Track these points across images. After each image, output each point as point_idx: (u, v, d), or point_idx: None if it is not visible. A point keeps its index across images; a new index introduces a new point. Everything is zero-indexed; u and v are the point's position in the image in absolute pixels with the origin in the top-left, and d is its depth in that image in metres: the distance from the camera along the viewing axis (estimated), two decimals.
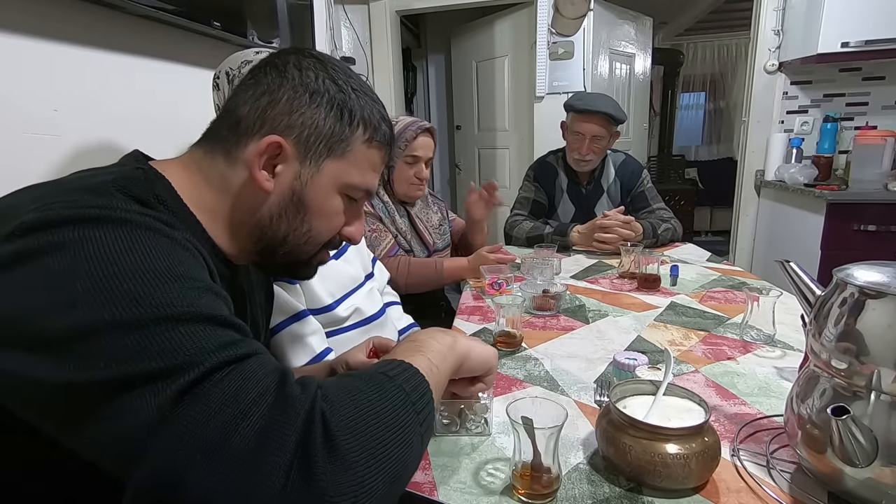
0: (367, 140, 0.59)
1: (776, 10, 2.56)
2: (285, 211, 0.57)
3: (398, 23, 3.18)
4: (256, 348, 0.43)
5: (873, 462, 0.49)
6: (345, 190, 0.59)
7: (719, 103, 5.47)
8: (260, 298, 0.73)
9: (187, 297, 0.42)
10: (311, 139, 0.56)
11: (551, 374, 0.86)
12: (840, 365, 0.52)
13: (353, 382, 0.45)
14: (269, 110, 0.55)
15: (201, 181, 0.56)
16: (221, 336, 0.41)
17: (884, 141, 2.24)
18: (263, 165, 0.55)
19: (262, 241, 0.58)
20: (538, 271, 1.30)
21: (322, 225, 0.59)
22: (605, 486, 0.58)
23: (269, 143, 0.54)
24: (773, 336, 0.95)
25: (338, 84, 0.57)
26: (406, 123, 1.44)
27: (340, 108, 0.56)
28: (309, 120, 0.55)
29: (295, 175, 0.56)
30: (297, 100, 0.55)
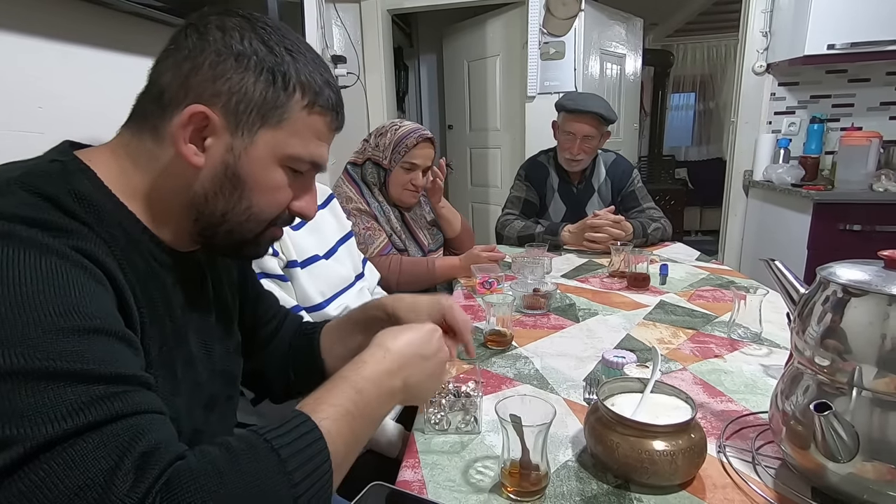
0: (308, 106, 0.53)
1: (764, 12, 2.59)
2: (221, 187, 0.52)
3: (390, 22, 3.18)
4: (120, 409, 0.38)
5: (855, 457, 0.49)
6: (286, 162, 0.54)
7: (709, 104, 5.52)
8: (229, 279, 0.69)
9: (51, 344, 0.36)
10: (241, 107, 0.50)
11: (541, 372, 0.86)
12: (823, 362, 0.53)
13: (223, 462, 0.39)
14: (191, 77, 0.49)
15: (130, 165, 0.52)
16: (76, 397, 0.36)
17: (869, 142, 2.27)
18: (190, 139, 0.50)
19: (201, 220, 0.53)
20: (529, 270, 1.30)
21: (264, 201, 0.54)
22: (593, 484, 0.58)
23: (192, 114, 0.49)
24: (759, 334, 0.96)
25: (268, 45, 0.51)
26: (408, 129, 1.43)
27: (272, 72, 0.51)
28: (236, 86, 0.50)
29: (227, 148, 0.51)
30: (222, 64, 0.49)
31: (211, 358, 0.60)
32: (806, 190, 2.22)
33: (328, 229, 1.09)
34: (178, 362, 0.53)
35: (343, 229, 1.14)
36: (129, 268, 0.48)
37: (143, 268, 0.50)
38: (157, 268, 0.52)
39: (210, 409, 0.59)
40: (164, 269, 0.54)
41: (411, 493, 0.56)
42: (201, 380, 0.57)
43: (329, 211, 1.12)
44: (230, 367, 0.65)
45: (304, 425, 0.44)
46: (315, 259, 0.98)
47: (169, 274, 0.54)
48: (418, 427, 0.70)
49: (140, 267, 0.50)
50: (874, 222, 2.13)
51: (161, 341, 0.51)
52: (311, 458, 0.43)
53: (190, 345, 0.56)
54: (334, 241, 1.09)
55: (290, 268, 0.92)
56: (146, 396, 0.41)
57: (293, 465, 0.41)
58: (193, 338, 0.57)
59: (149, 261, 0.51)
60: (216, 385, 0.61)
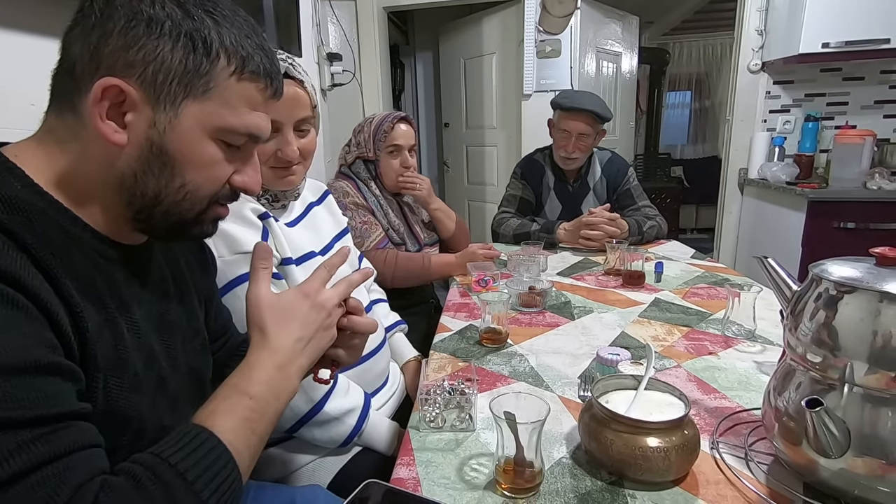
0: (236, 72, 0.49)
1: (759, 10, 2.59)
2: (149, 165, 0.48)
3: (386, 19, 3.17)
4: (45, 454, 0.37)
5: (846, 453, 0.50)
6: (218, 135, 0.50)
7: (704, 102, 5.53)
8: (191, 274, 0.66)
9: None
10: (160, 78, 0.46)
11: (536, 370, 0.87)
12: (815, 358, 0.54)
13: (135, 497, 0.40)
14: (101, 47, 0.45)
15: (58, 153, 0.48)
16: (10, 442, 0.36)
17: (863, 140, 2.28)
18: (108, 115, 0.46)
19: (134, 203, 0.50)
20: (524, 268, 1.30)
21: (199, 177, 0.51)
22: (587, 480, 0.59)
23: (104, 88, 0.45)
24: (753, 331, 0.97)
25: (184, 8, 0.47)
26: (381, 117, 1.46)
27: (191, 37, 0.47)
28: (152, 55, 0.46)
29: (149, 122, 0.47)
30: (133, 31, 0.45)
31: (171, 353, 0.58)
32: (800, 188, 2.23)
33: (324, 226, 1.08)
34: (138, 358, 0.51)
35: (339, 225, 1.13)
36: (66, 270, 0.44)
37: (85, 266, 0.47)
38: (103, 264, 0.50)
39: (176, 406, 0.58)
40: (113, 263, 0.51)
41: (406, 491, 0.56)
42: (165, 374, 0.55)
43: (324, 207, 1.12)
44: (196, 364, 0.63)
45: (208, 441, 0.46)
46: (311, 255, 0.98)
47: (117, 268, 0.52)
48: (413, 424, 0.71)
49: (81, 266, 0.47)
50: (868, 220, 2.15)
51: (115, 339, 0.48)
52: (218, 472, 0.45)
53: (150, 340, 0.54)
54: (330, 238, 1.09)
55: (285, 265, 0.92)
56: (75, 432, 0.40)
57: (201, 484, 0.43)
58: (153, 333, 0.55)
59: (93, 257, 0.49)
60: (182, 381, 0.59)
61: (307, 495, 0.74)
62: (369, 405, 0.91)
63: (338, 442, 0.85)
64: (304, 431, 0.83)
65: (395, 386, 1.07)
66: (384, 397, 1.02)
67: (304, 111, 0.90)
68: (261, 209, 0.86)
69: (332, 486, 0.84)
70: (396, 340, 1.20)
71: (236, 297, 0.81)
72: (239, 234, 0.81)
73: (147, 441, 0.52)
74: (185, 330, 0.62)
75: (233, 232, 0.81)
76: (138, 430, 0.50)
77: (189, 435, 0.46)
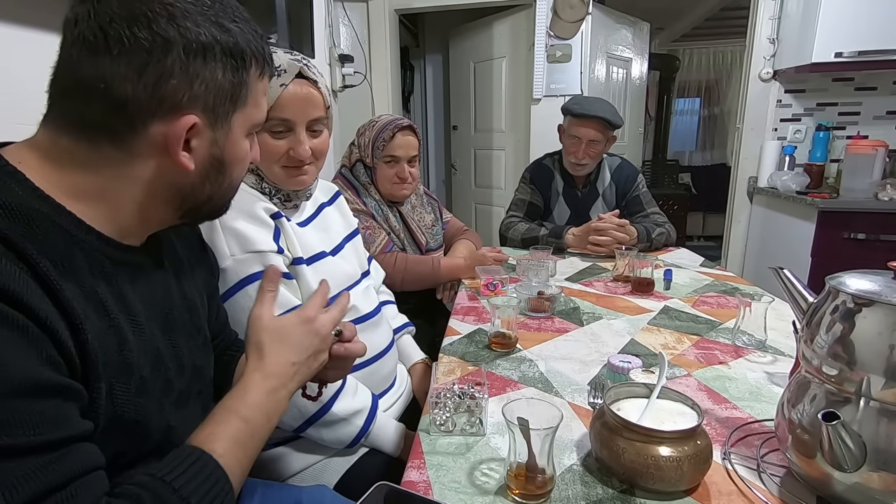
0: (260, 74, 0.54)
1: (772, 18, 2.59)
2: (207, 176, 0.53)
3: (397, 22, 3.18)
4: (52, 482, 0.38)
5: (861, 467, 0.50)
6: (252, 130, 0.57)
7: (714, 109, 5.51)
8: (193, 274, 0.67)
9: None
10: (217, 101, 0.50)
11: (545, 375, 0.87)
12: (831, 371, 0.53)
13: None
14: (162, 85, 0.46)
15: (77, 169, 0.48)
16: (7, 475, 0.36)
17: (875, 151, 2.27)
18: (182, 147, 0.49)
19: (185, 205, 0.54)
20: (533, 273, 1.30)
21: (239, 171, 0.57)
22: (598, 488, 0.58)
23: (186, 127, 0.48)
24: (764, 341, 0.96)
25: (219, 23, 0.49)
26: (384, 123, 1.40)
27: (231, 54, 0.49)
28: (211, 84, 0.49)
29: (210, 142, 0.51)
30: (192, 64, 0.47)
31: (178, 352, 0.58)
32: (811, 197, 2.22)
33: (335, 226, 1.09)
34: (145, 361, 0.52)
35: (349, 227, 1.14)
36: (67, 278, 0.44)
37: (87, 269, 0.47)
38: (108, 266, 0.50)
39: (181, 405, 0.58)
40: (117, 265, 0.51)
41: (417, 494, 0.56)
42: (171, 375, 0.56)
43: (335, 208, 1.12)
44: (200, 362, 0.64)
45: (206, 465, 0.48)
46: (322, 256, 0.98)
47: (122, 270, 0.52)
48: (423, 428, 0.71)
49: (84, 270, 0.46)
50: (878, 231, 2.13)
51: (119, 345, 0.48)
52: (216, 495, 0.47)
53: (156, 341, 0.55)
54: (341, 239, 1.09)
55: (296, 265, 0.92)
56: (78, 456, 0.41)
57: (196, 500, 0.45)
58: (159, 333, 0.55)
59: (97, 259, 0.48)
60: (186, 380, 0.59)
61: (314, 495, 0.74)
62: (377, 406, 0.91)
63: (345, 442, 0.86)
64: (311, 431, 0.84)
65: (402, 388, 1.07)
66: (391, 399, 1.02)
67: (318, 111, 0.90)
68: (273, 208, 0.87)
69: (339, 487, 0.84)
70: (404, 342, 1.20)
71: (247, 296, 0.81)
72: (251, 233, 0.82)
73: (154, 443, 0.53)
74: (189, 328, 0.62)
75: (245, 231, 0.81)
76: (145, 432, 0.51)
77: (189, 458, 0.47)
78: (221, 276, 0.79)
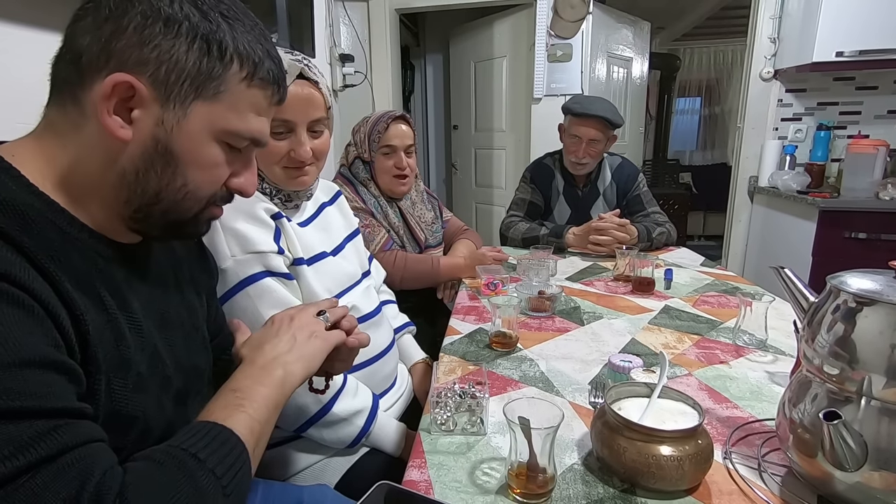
0: (246, 78, 0.50)
1: (773, 18, 2.58)
2: (152, 163, 0.48)
3: (397, 21, 3.18)
4: (67, 441, 0.38)
5: (863, 466, 0.50)
6: (223, 137, 0.51)
7: (714, 109, 5.51)
8: (192, 273, 0.67)
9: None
10: (172, 77, 0.46)
11: (546, 374, 0.87)
12: (832, 370, 0.53)
13: (159, 476, 0.42)
14: (114, 41, 0.45)
15: (58, 148, 0.48)
16: (20, 434, 0.36)
17: (875, 150, 2.27)
18: (115, 110, 0.46)
19: (133, 200, 0.50)
20: (534, 272, 1.30)
21: (200, 178, 0.51)
22: (599, 487, 0.59)
23: (116, 83, 0.45)
24: (765, 341, 0.96)
25: (202, 10, 0.47)
26: (377, 116, 1.43)
27: (207, 40, 0.47)
28: (166, 54, 0.46)
29: (157, 121, 0.47)
30: (149, 28, 0.45)
31: (175, 351, 0.58)
32: (811, 197, 2.22)
33: (336, 226, 1.09)
34: (142, 358, 0.51)
35: (350, 226, 1.14)
36: (65, 272, 0.44)
37: (84, 267, 0.47)
38: (102, 263, 0.49)
39: (180, 403, 0.58)
40: (112, 263, 0.51)
41: (418, 493, 0.56)
42: (168, 373, 0.56)
43: (336, 207, 1.12)
44: (197, 361, 0.63)
45: (218, 431, 0.48)
46: (323, 256, 0.98)
47: (118, 267, 0.51)
48: (424, 427, 0.71)
49: (80, 267, 0.46)
50: (879, 230, 2.13)
51: (117, 340, 0.48)
52: (233, 457, 0.47)
53: (154, 339, 0.54)
54: (342, 238, 1.09)
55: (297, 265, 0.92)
56: (85, 427, 0.41)
57: (219, 468, 0.45)
58: (155, 331, 0.55)
59: (91, 258, 0.48)
60: (184, 378, 0.59)
61: (315, 494, 0.74)
62: (377, 406, 0.91)
63: (346, 442, 0.86)
64: (312, 432, 0.84)
65: (402, 387, 1.07)
66: (392, 399, 1.02)
67: (319, 112, 0.90)
68: (273, 209, 0.87)
69: (340, 486, 0.84)
70: (404, 342, 1.20)
71: (247, 297, 0.82)
72: (252, 234, 0.82)
73: (153, 440, 0.52)
74: (187, 327, 0.62)
75: (245, 231, 0.81)
76: (144, 429, 0.51)
77: (199, 427, 0.48)
78: (221, 277, 0.79)
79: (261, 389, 0.55)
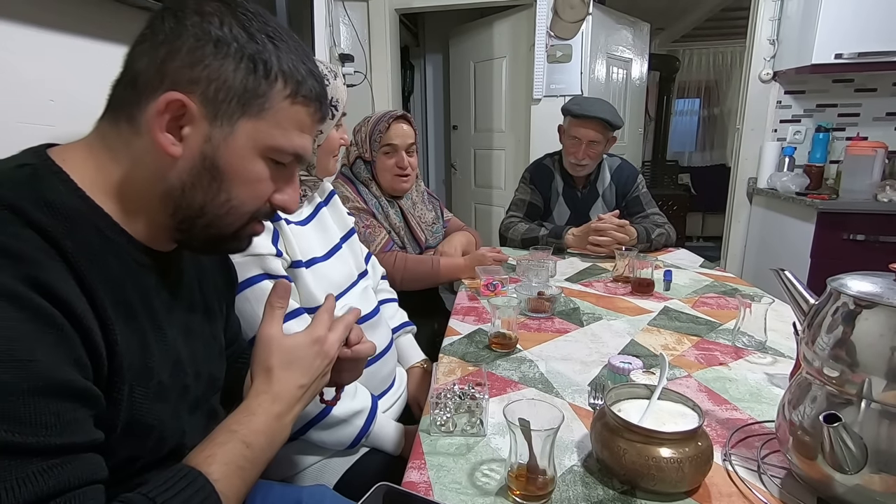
0: (290, 96, 0.52)
1: (772, 19, 2.59)
2: (198, 178, 0.50)
3: (397, 21, 3.18)
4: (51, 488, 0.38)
5: (862, 469, 0.50)
6: (268, 153, 0.52)
7: (713, 110, 5.51)
8: (214, 283, 0.68)
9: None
10: (221, 95, 0.49)
11: (546, 376, 0.87)
12: (832, 373, 0.53)
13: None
14: (168, 63, 0.48)
15: (108, 160, 0.50)
16: (8, 473, 0.36)
17: (874, 152, 2.27)
18: (167, 127, 0.48)
19: (178, 213, 0.52)
20: (533, 273, 1.30)
21: (244, 193, 0.52)
22: (598, 489, 0.58)
23: (168, 101, 0.47)
24: (764, 343, 0.96)
25: (249, 32, 0.49)
26: (378, 116, 1.44)
27: (253, 60, 0.49)
28: (215, 73, 0.48)
29: (205, 137, 0.49)
30: (200, 50, 0.48)
31: (195, 360, 0.59)
32: (810, 199, 2.22)
33: (331, 227, 1.08)
34: (164, 367, 0.52)
35: (345, 227, 1.14)
36: (102, 279, 0.45)
37: (119, 271, 0.48)
38: (135, 269, 0.51)
39: (194, 412, 0.59)
40: (145, 269, 0.52)
41: (418, 495, 0.56)
42: (188, 382, 0.57)
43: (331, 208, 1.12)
44: (214, 371, 0.64)
45: (202, 489, 0.46)
46: (320, 258, 0.98)
47: (150, 275, 0.53)
48: (424, 428, 0.71)
49: (115, 270, 0.48)
50: (878, 232, 2.13)
51: (142, 349, 0.49)
52: None
53: (178, 347, 0.55)
54: (338, 239, 1.09)
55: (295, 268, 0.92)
56: (81, 465, 0.41)
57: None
58: (179, 339, 0.56)
59: (127, 262, 0.50)
60: (201, 387, 0.60)
61: (314, 495, 0.74)
62: (377, 407, 0.91)
63: (346, 444, 0.86)
64: (311, 434, 0.84)
65: (401, 389, 1.07)
66: (390, 400, 1.02)
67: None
68: None
69: (339, 487, 0.84)
70: (404, 342, 1.20)
71: (244, 300, 0.81)
72: None
73: (168, 448, 0.53)
74: (207, 336, 0.63)
75: None
76: (160, 437, 0.51)
77: (184, 479, 0.46)
78: None
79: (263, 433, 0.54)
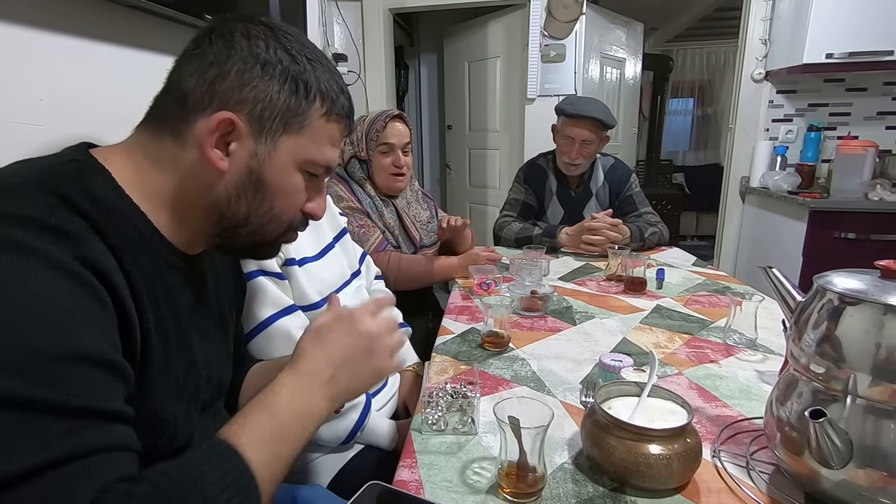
0: (326, 113, 0.56)
1: (764, 19, 2.61)
2: (244, 191, 0.54)
3: (391, 21, 3.18)
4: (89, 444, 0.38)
5: (848, 464, 0.50)
6: (304, 166, 0.56)
7: (707, 110, 5.54)
8: (227, 288, 0.70)
9: (31, 368, 0.37)
10: (266, 114, 0.52)
11: (538, 374, 0.87)
12: (818, 369, 0.54)
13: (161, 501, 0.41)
14: (217, 83, 0.51)
15: (149, 166, 0.53)
16: (44, 430, 0.37)
17: (865, 151, 2.29)
18: (216, 143, 0.51)
19: (223, 222, 0.55)
20: (526, 272, 1.31)
21: (284, 203, 0.57)
22: (589, 486, 0.59)
23: (220, 120, 0.50)
24: (754, 340, 0.97)
25: (291, 54, 0.53)
26: (374, 115, 1.45)
27: (295, 81, 0.53)
28: (262, 94, 0.52)
29: (251, 153, 0.53)
30: (248, 72, 0.51)
31: (208, 362, 0.60)
32: (802, 197, 2.24)
33: (324, 227, 1.08)
34: (181, 364, 0.53)
35: (338, 226, 1.14)
36: (137, 271, 0.47)
37: (150, 269, 0.50)
38: (164, 268, 0.53)
39: (204, 413, 0.60)
40: (173, 270, 0.54)
41: (408, 493, 0.56)
42: (201, 383, 0.58)
43: None
44: (223, 375, 0.65)
45: (231, 459, 0.45)
46: (313, 257, 0.98)
47: (176, 276, 0.55)
48: (415, 427, 0.71)
49: (148, 268, 0.50)
50: (869, 231, 2.15)
51: (164, 343, 0.51)
52: (239, 489, 0.44)
53: (193, 348, 0.57)
54: (331, 238, 1.09)
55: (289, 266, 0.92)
56: (111, 431, 0.41)
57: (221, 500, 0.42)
58: (196, 341, 0.57)
59: (157, 260, 0.52)
60: (210, 390, 0.61)
61: (308, 494, 0.74)
62: (371, 402, 0.91)
63: (341, 438, 0.86)
64: None
65: (394, 388, 1.07)
66: (383, 399, 1.02)
67: None
68: None
69: (333, 485, 0.84)
70: None
71: None
72: None
73: (179, 446, 0.54)
74: (219, 341, 0.64)
75: None
76: (173, 434, 0.53)
77: (215, 450, 0.46)
78: None
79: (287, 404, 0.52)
